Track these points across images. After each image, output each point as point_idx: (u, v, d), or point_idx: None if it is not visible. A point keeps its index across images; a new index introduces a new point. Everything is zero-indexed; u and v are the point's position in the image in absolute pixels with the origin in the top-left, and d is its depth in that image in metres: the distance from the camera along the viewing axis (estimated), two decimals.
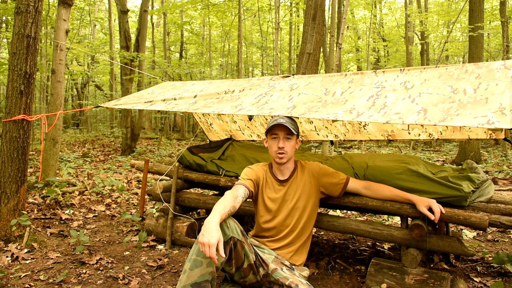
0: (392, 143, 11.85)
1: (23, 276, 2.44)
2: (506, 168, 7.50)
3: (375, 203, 2.29)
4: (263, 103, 2.34)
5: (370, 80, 2.26)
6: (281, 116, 2.19)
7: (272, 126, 2.17)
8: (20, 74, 2.88)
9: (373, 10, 16.64)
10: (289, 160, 2.24)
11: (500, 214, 2.18)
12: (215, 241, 1.63)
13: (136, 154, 9.67)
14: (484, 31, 8.03)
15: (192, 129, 18.63)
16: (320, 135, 3.57)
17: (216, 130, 4.05)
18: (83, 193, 4.83)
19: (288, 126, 2.12)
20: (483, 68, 1.98)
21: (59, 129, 4.99)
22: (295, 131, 2.18)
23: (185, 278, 1.69)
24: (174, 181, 3.10)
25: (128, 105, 3.04)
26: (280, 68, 19.32)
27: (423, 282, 2.14)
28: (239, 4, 10.70)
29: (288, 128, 2.13)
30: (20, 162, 2.91)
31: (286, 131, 2.16)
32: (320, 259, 2.82)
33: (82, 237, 2.95)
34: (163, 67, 13.18)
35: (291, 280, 1.93)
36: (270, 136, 2.22)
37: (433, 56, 18.05)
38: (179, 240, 3.03)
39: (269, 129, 2.20)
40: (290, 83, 2.59)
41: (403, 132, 3.14)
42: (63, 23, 4.84)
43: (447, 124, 1.63)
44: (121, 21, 10.03)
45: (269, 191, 2.26)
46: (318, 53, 6.80)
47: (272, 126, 2.17)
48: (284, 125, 2.12)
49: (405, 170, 2.34)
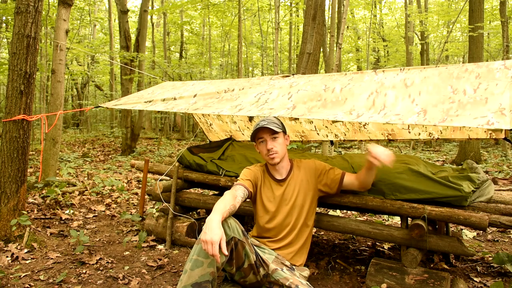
0: (392, 143, 11.83)
1: (23, 276, 2.44)
2: (506, 168, 7.50)
3: (375, 203, 2.29)
4: (263, 103, 2.34)
5: (369, 78, 2.26)
6: (262, 119, 2.21)
7: (255, 131, 2.19)
8: (20, 74, 2.88)
9: (373, 10, 16.64)
10: (283, 159, 2.24)
11: (500, 214, 2.18)
12: (217, 238, 1.63)
13: (136, 154, 9.67)
14: (484, 31, 8.04)
15: (192, 129, 18.62)
16: (320, 134, 3.57)
17: (216, 131, 4.05)
18: (83, 193, 4.83)
19: (270, 127, 2.13)
20: (483, 68, 1.97)
21: (59, 129, 5.00)
22: (279, 128, 2.18)
23: (186, 278, 1.70)
24: (174, 181, 3.10)
25: (128, 105, 3.04)
26: (280, 68, 19.32)
27: (423, 282, 2.14)
28: (239, 4, 10.70)
29: (271, 129, 2.14)
30: (20, 162, 2.91)
31: (270, 132, 2.17)
32: (320, 259, 2.82)
33: (82, 237, 2.95)
34: (163, 67, 13.18)
35: (291, 281, 1.94)
36: (257, 141, 2.24)
37: (433, 56, 18.05)
38: (179, 240, 3.03)
39: (254, 135, 2.22)
40: (289, 82, 2.59)
41: (403, 131, 3.15)
42: (63, 23, 4.84)
43: (447, 125, 1.63)
44: (121, 21, 10.03)
45: (268, 191, 2.26)
46: (318, 53, 6.79)
47: (255, 131, 2.19)
48: (267, 127, 2.13)
49: (405, 170, 2.34)
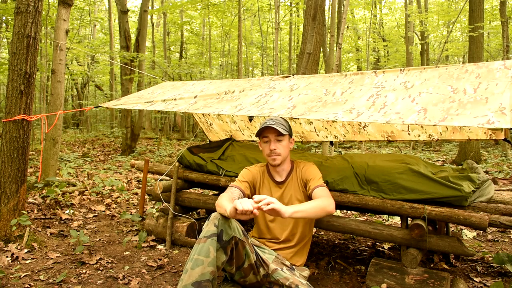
0: (392, 143, 11.84)
1: (23, 276, 2.44)
2: (506, 168, 7.50)
3: (375, 203, 2.30)
4: (263, 103, 2.33)
5: (370, 80, 2.26)
6: (270, 118, 2.18)
7: (262, 129, 2.17)
8: (20, 74, 2.88)
9: (373, 10, 16.64)
10: (284, 161, 2.23)
11: (500, 214, 2.18)
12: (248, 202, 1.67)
13: (136, 154, 9.67)
14: (484, 31, 8.04)
15: (192, 129, 18.62)
16: (320, 136, 3.57)
17: (216, 130, 4.05)
18: (83, 193, 4.83)
19: (277, 128, 2.11)
20: (483, 68, 1.98)
21: (59, 129, 5.00)
22: (286, 131, 2.16)
23: (187, 277, 1.70)
24: (174, 181, 3.10)
25: (128, 105, 3.04)
26: (280, 68, 19.32)
27: (423, 282, 2.14)
28: (239, 4, 10.70)
29: (277, 130, 2.13)
30: (20, 162, 2.91)
31: (276, 133, 2.15)
32: (320, 259, 2.82)
33: (82, 237, 2.95)
34: (163, 67, 13.18)
35: (291, 281, 1.94)
36: (261, 139, 2.23)
37: (433, 56, 18.06)
38: (179, 240, 3.03)
39: (259, 133, 2.20)
40: (290, 84, 2.59)
41: (403, 133, 3.14)
42: (63, 23, 4.84)
43: (447, 124, 1.63)
44: (121, 21, 10.03)
45: (266, 193, 2.25)
46: (318, 53, 6.79)
47: (262, 129, 2.17)
48: (273, 127, 2.11)
49: (406, 170, 2.34)
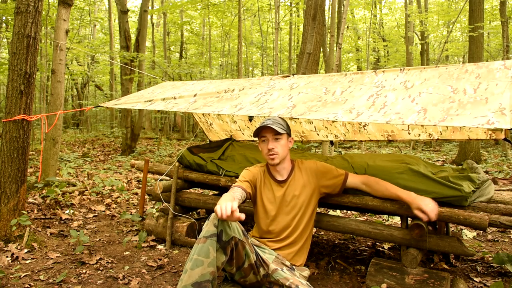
0: (392, 143, 11.85)
1: (23, 276, 2.44)
2: (506, 168, 7.50)
3: (375, 203, 2.29)
4: (263, 102, 2.33)
5: (370, 79, 2.26)
6: (268, 117, 2.19)
7: (259, 129, 2.18)
8: (20, 74, 2.88)
9: (373, 10, 16.64)
10: (283, 160, 2.23)
11: (500, 214, 2.18)
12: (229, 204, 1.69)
13: (136, 154, 9.67)
14: (484, 31, 8.04)
15: (192, 129, 18.61)
16: (320, 135, 3.57)
17: (216, 130, 4.05)
18: (83, 193, 4.83)
19: (274, 127, 2.12)
20: (483, 68, 1.98)
21: (59, 129, 4.99)
22: (283, 130, 2.17)
23: (186, 277, 1.69)
24: (174, 181, 3.10)
25: (128, 105, 3.04)
26: (280, 68, 19.31)
27: (423, 282, 2.14)
28: (239, 4, 10.69)
29: (274, 129, 2.13)
30: (20, 162, 2.91)
31: (274, 132, 2.16)
32: (320, 259, 2.82)
33: (82, 237, 2.95)
34: (163, 67, 13.17)
35: (291, 281, 1.93)
36: (260, 139, 2.24)
37: (433, 56, 18.05)
38: (179, 240, 3.03)
39: (257, 133, 2.21)
40: (290, 82, 2.59)
41: (403, 133, 3.14)
42: (63, 23, 4.84)
43: (447, 124, 1.63)
44: (121, 21, 10.03)
45: (268, 192, 2.25)
46: (318, 53, 6.79)
47: (259, 129, 2.18)
48: (271, 126, 2.12)
49: (406, 170, 2.34)
